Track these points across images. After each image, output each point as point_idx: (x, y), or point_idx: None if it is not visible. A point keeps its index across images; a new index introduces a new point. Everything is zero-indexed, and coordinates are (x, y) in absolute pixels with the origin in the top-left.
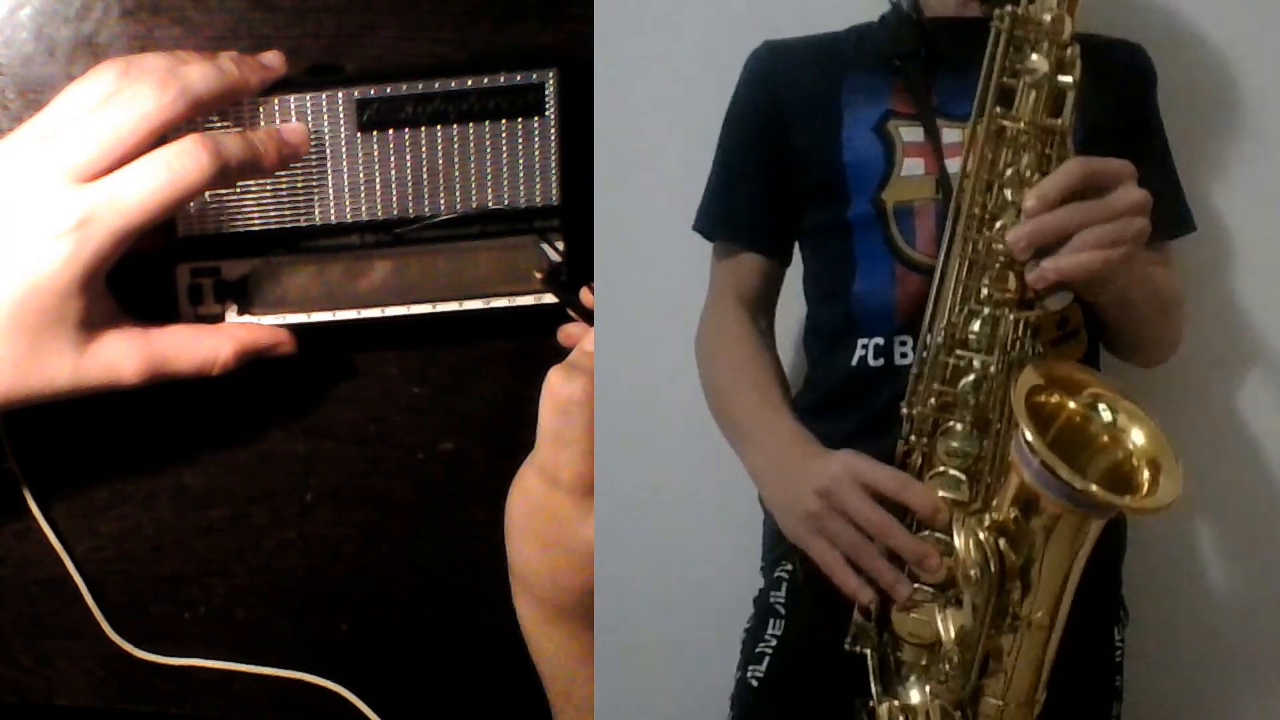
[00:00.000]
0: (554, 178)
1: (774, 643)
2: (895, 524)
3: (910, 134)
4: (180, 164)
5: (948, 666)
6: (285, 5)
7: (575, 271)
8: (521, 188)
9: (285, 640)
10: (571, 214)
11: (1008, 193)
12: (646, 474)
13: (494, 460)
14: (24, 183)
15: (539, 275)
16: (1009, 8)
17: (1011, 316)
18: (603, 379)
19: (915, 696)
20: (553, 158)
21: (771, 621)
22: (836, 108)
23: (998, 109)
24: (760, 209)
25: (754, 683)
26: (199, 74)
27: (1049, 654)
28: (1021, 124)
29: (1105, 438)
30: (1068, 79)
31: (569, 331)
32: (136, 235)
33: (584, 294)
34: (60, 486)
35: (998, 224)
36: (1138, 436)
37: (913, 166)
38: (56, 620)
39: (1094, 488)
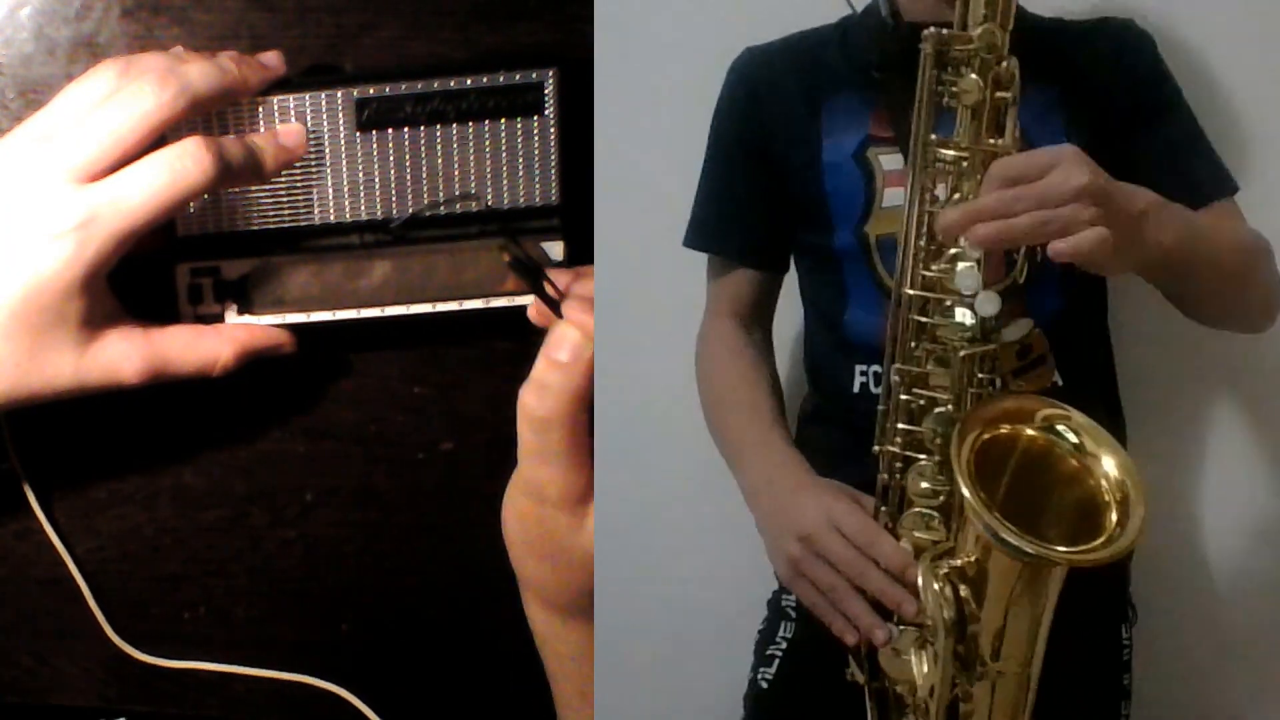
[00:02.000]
0: (553, 177)
1: (784, 645)
2: (872, 569)
3: (890, 162)
4: (182, 165)
5: (917, 713)
6: (285, 5)
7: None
8: (521, 187)
9: (285, 640)
10: (571, 214)
11: None
12: (646, 474)
13: (494, 460)
14: (25, 183)
15: (506, 259)
16: (933, 29)
17: (963, 353)
18: (603, 379)
19: None
20: (552, 157)
21: (783, 624)
22: (816, 132)
23: (934, 136)
24: (749, 222)
25: (764, 684)
26: (199, 72)
27: (1029, 697)
28: (957, 151)
29: (1065, 468)
30: (1005, 95)
31: (540, 309)
32: (138, 236)
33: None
34: (61, 486)
35: (946, 255)
36: (1107, 464)
37: (894, 197)
38: (56, 620)
39: (1055, 549)
